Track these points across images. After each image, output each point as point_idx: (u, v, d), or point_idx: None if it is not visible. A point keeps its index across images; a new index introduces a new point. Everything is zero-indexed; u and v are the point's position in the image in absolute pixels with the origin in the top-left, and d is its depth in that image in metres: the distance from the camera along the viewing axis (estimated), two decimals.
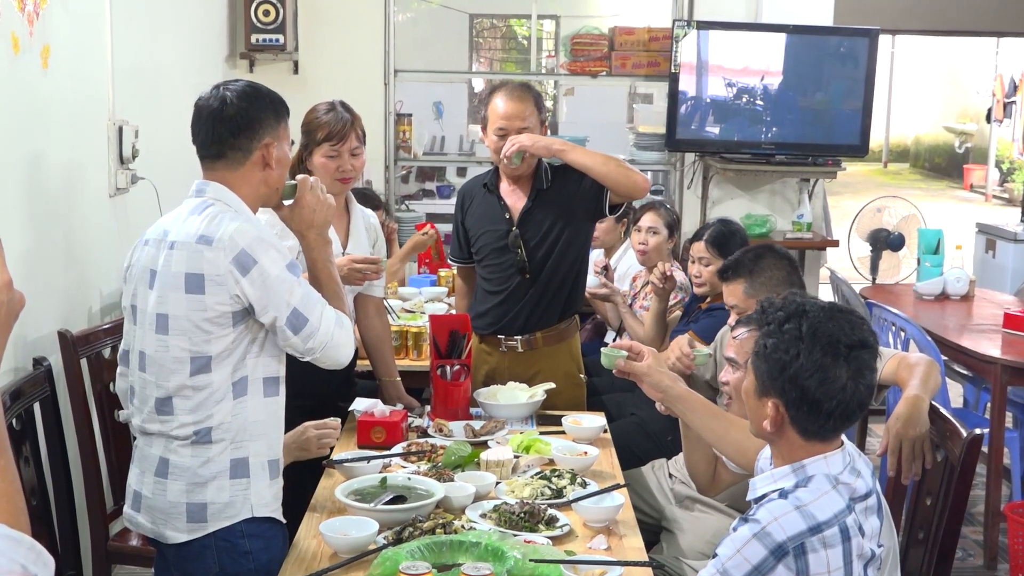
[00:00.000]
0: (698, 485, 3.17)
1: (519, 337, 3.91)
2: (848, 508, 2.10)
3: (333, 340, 2.60)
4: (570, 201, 3.83)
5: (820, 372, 2.11)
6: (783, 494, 2.12)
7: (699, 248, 4.52)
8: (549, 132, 3.85)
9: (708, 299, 4.32)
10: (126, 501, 2.71)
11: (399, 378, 3.81)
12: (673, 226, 5.02)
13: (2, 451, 1.31)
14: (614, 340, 5.19)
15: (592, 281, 4.90)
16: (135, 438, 2.71)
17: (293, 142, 2.77)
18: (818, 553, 2.02)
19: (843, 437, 2.25)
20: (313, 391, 3.40)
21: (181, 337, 2.52)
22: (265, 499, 2.62)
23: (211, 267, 2.49)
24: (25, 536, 1.21)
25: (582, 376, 4.02)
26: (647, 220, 4.98)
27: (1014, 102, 17.18)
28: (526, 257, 3.82)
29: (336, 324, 2.62)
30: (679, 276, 4.66)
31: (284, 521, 2.70)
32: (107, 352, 3.49)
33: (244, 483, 2.58)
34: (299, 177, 2.77)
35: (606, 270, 5.03)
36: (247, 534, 2.59)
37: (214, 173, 2.65)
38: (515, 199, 3.87)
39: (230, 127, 2.62)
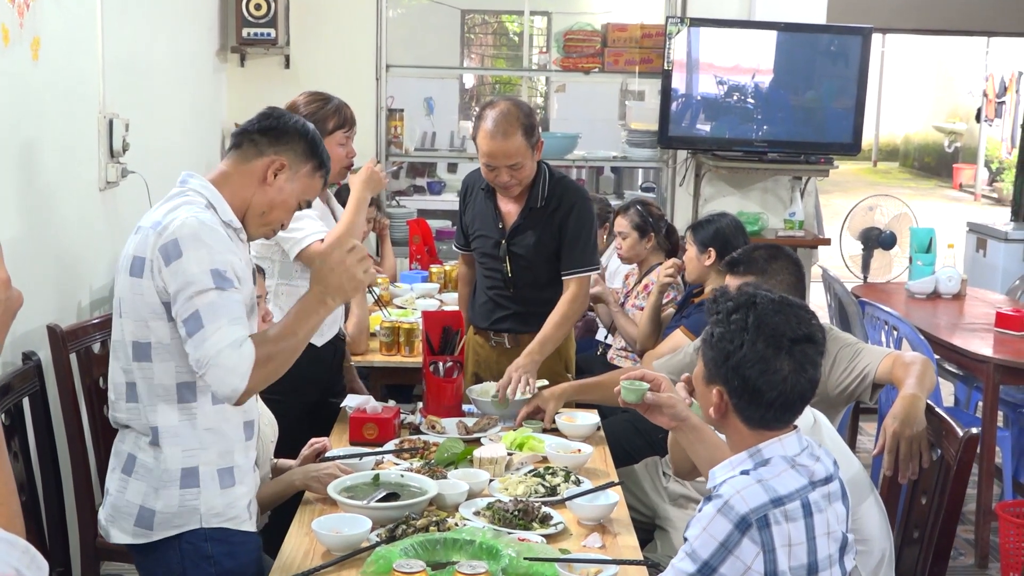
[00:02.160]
0: (676, 469, 3.12)
1: (506, 334, 3.91)
2: (812, 485, 2.11)
3: (218, 359, 2.33)
4: (557, 231, 3.79)
5: (761, 363, 2.13)
6: (745, 472, 2.12)
7: (618, 223, 4.93)
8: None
9: (701, 294, 4.32)
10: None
11: (352, 363, 3.91)
12: (643, 226, 4.98)
13: None
14: (605, 338, 5.19)
15: None
16: None
17: (309, 204, 2.72)
18: (780, 526, 2.03)
19: (826, 424, 2.26)
20: (310, 387, 3.40)
21: (127, 320, 2.48)
22: (216, 508, 2.52)
23: (150, 251, 2.42)
24: (19, 539, 1.19)
25: (570, 375, 4.01)
26: (616, 225, 5.01)
27: (1004, 102, 17.24)
28: (510, 271, 3.82)
29: (231, 345, 2.34)
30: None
31: (251, 530, 2.61)
32: (96, 347, 3.46)
33: (194, 492, 2.50)
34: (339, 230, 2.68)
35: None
36: (210, 538, 2.52)
37: (224, 165, 2.59)
38: (510, 209, 3.84)
39: (260, 124, 2.59)
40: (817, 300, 6.89)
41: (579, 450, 3.19)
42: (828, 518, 2.10)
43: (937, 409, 2.83)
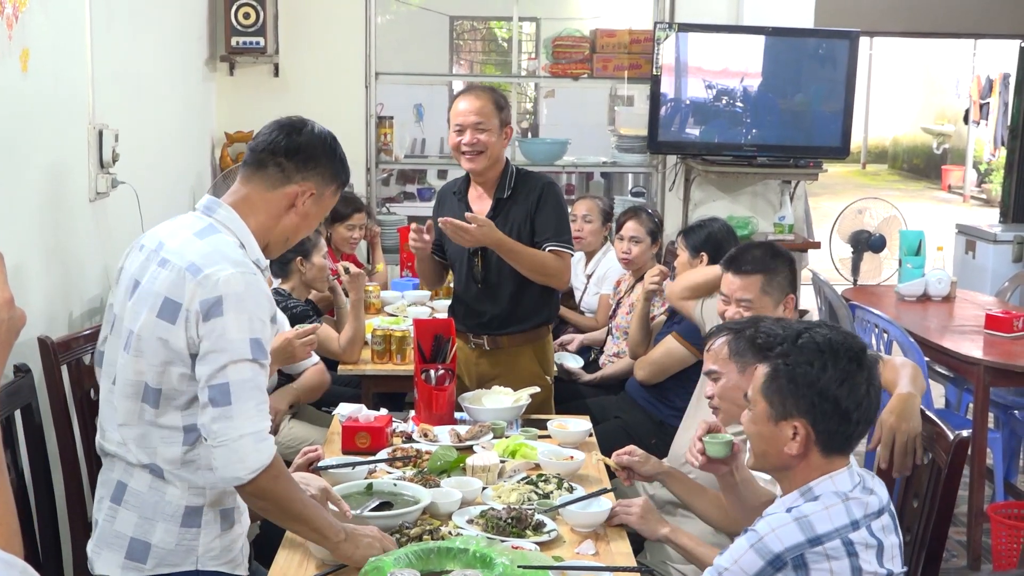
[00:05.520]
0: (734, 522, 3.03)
1: (485, 336, 3.97)
2: (853, 525, 2.08)
3: (236, 444, 2.26)
4: (524, 220, 3.88)
5: (849, 380, 2.12)
6: (788, 510, 2.11)
7: (632, 228, 4.88)
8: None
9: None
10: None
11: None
12: (655, 232, 5.01)
13: None
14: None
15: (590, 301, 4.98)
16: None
17: (320, 233, 2.69)
18: (821, 565, 2.01)
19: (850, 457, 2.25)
20: None
21: (140, 359, 2.36)
22: (214, 551, 2.44)
23: (188, 299, 2.32)
24: (17, 560, 1.18)
25: (548, 378, 4.03)
26: (629, 229, 4.96)
27: (988, 103, 17.28)
28: (481, 267, 3.88)
29: (255, 436, 2.28)
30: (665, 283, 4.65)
31: (244, 574, 2.54)
32: (87, 359, 3.45)
33: (194, 532, 2.42)
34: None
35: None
36: (200, 571, 2.45)
37: (244, 187, 2.48)
38: (480, 206, 3.93)
39: (288, 145, 2.47)
40: (807, 303, 6.90)
41: (572, 457, 3.19)
42: (873, 556, 2.08)
43: (927, 412, 2.83)
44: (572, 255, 3.95)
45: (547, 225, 3.85)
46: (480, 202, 3.94)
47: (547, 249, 3.83)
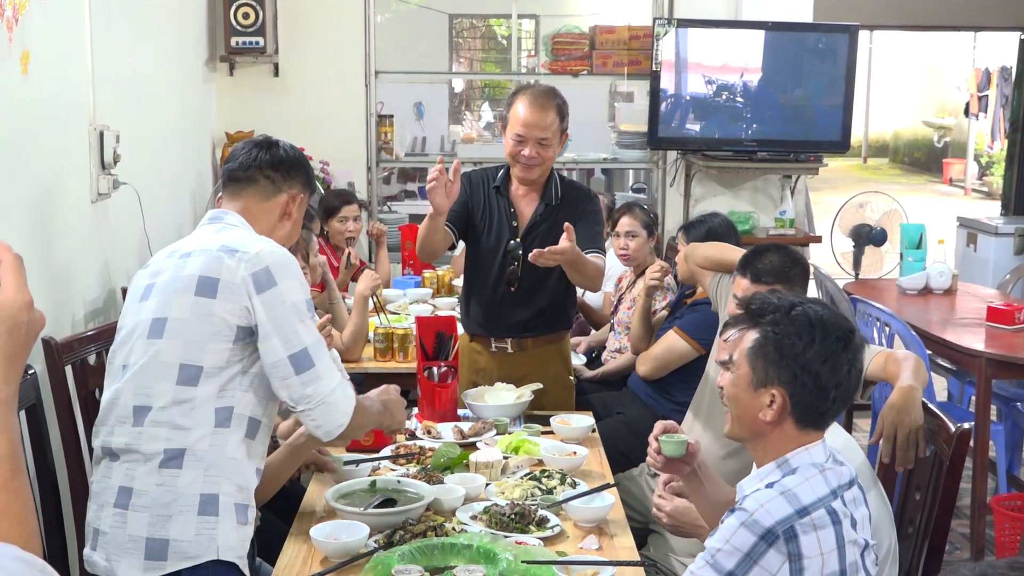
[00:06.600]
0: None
1: (509, 339, 3.89)
2: (833, 494, 2.12)
3: (332, 397, 2.49)
4: (573, 222, 3.80)
5: (833, 359, 2.15)
6: (769, 485, 2.13)
7: (627, 223, 4.89)
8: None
9: (693, 294, 4.33)
10: (86, 542, 2.54)
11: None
12: (651, 225, 5.01)
13: (18, 471, 1.29)
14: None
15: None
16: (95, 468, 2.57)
17: (312, 232, 2.83)
18: (809, 535, 2.04)
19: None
20: None
21: (175, 341, 2.43)
22: (231, 543, 2.44)
23: (229, 273, 2.43)
24: (36, 558, 1.19)
25: (571, 378, 4.01)
26: (625, 224, 4.95)
27: (986, 96, 17.27)
28: (519, 271, 3.77)
29: (340, 386, 2.52)
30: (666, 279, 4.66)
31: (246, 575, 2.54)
32: (92, 359, 3.46)
33: (212, 521, 2.41)
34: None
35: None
36: (225, 573, 2.44)
37: (237, 202, 2.66)
38: (525, 206, 3.83)
39: (271, 159, 2.69)
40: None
41: (574, 452, 3.20)
42: (849, 525, 2.11)
43: (929, 405, 2.84)
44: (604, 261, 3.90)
45: (588, 234, 3.76)
46: (526, 201, 3.83)
47: (588, 255, 3.72)
